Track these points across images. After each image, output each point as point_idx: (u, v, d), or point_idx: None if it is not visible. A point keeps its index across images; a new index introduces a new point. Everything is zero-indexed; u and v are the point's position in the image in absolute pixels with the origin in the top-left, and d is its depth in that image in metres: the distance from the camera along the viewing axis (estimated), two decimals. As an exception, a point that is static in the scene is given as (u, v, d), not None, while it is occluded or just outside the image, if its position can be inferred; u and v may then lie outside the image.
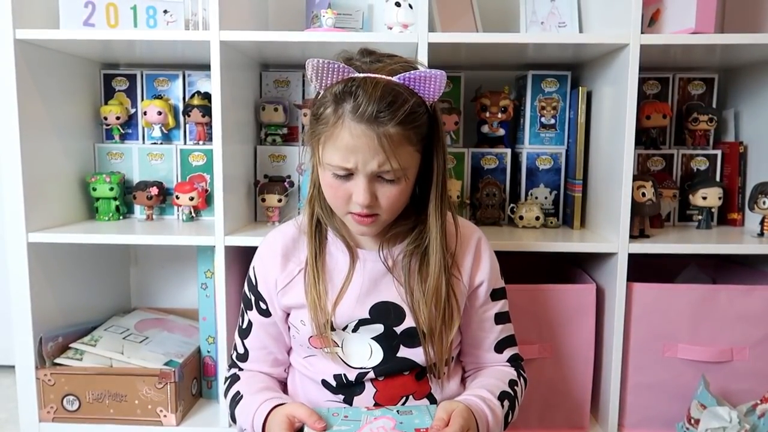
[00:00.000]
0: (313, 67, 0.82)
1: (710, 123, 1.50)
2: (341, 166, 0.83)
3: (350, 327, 0.91)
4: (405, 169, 0.84)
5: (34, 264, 1.30)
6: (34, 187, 1.30)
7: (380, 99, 0.80)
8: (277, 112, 1.48)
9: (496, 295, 0.99)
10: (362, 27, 1.54)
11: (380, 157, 0.81)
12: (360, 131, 0.80)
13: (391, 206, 0.86)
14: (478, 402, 0.89)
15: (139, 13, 1.31)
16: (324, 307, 0.89)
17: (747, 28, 1.41)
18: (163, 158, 1.54)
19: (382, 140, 0.80)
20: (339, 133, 0.81)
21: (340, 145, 0.82)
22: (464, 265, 0.95)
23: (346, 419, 0.85)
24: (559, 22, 1.43)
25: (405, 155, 0.83)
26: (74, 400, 1.32)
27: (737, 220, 1.50)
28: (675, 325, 1.26)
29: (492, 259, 0.99)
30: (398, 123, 0.81)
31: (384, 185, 0.85)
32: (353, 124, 0.80)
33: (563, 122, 1.49)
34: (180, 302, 1.70)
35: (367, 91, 0.80)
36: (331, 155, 0.83)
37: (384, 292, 0.92)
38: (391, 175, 0.83)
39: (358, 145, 0.81)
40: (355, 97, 0.80)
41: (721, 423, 1.13)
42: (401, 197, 0.87)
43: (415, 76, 0.82)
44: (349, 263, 0.92)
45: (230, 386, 0.97)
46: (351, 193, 0.84)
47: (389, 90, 0.80)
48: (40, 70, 1.31)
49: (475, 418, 0.85)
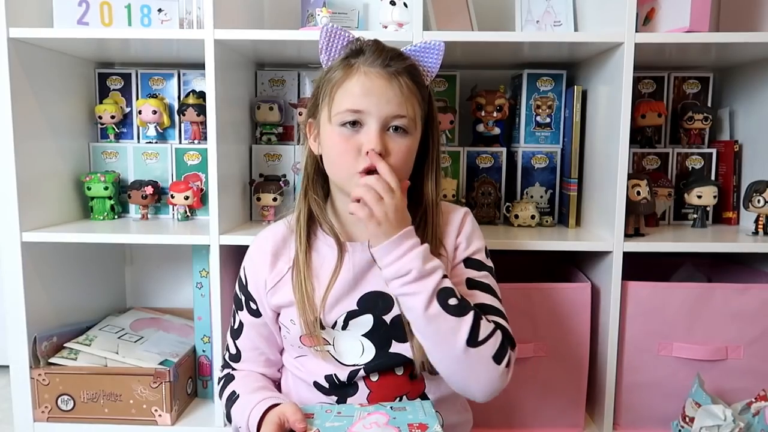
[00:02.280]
0: (327, 32, 0.88)
1: (705, 122, 1.50)
2: (354, 108, 0.84)
3: (339, 324, 0.90)
4: (414, 122, 0.87)
5: (28, 263, 1.29)
6: (29, 186, 1.30)
7: (392, 51, 0.87)
8: (272, 111, 1.48)
9: (472, 264, 0.94)
10: (357, 26, 1.54)
11: (396, 100, 0.84)
12: (375, 73, 0.85)
13: (399, 163, 0.86)
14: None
15: (134, 11, 1.31)
16: (312, 304, 0.89)
17: (742, 27, 1.41)
18: (158, 157, 1.54)
19: (399, 82, 0.84)
20: (353, 77, 0.85)
21: (354, 89, 0.85)
22: (448, 241, 0.94)
23: (339, 415, 0.85)
24: (554, 21, 1.43)
25: (415, 107, 0.87)
26: (69, 399, 1.32)
27: (732, 218, 1.50)
28: (670, 323, 1.26)
29: (473, 230, 0.96)
30: (409, 75, 0.86)
31: (395, 139, 0.86)
32: (368, 68, 0.85)
33: (559, 121, 1.49)
34: (175, 302, 1.70)
35: (379, 46, 0.87)
36: (342, 101, 0.85)
37: (371, 282, 0.91)
38: (404, 122, 0.85)
39: (374, 87, 0.84)
40: (368, 50, 0.86)
41: (716, 421, 1.13)
42: (409, 156, 0.88)
43: (417, 48, 0.90)
44: (336, 258, 0.91)
45: (225, 386, 0.97)
46: (360, 145, 0.85)
47: (398, 51, 0.89)
48: (34, 69, 1.31)
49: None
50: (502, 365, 0.83)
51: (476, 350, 0.81)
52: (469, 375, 0.83)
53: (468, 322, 0.81)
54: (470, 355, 0.81)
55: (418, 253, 0.82)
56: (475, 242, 0.95)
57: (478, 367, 0.82)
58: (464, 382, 0.85)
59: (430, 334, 0.83)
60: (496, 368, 0.82)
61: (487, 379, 0.83)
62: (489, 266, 0.96)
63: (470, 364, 0.82)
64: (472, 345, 0.81)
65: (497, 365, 0.82)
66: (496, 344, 0.83)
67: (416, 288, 0.81)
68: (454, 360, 0.82)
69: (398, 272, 0.81)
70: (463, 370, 0.83)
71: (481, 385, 0.84)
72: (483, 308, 0.87)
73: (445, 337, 0.81)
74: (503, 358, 0.83)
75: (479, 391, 0.84)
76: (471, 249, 0.94)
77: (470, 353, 0.81)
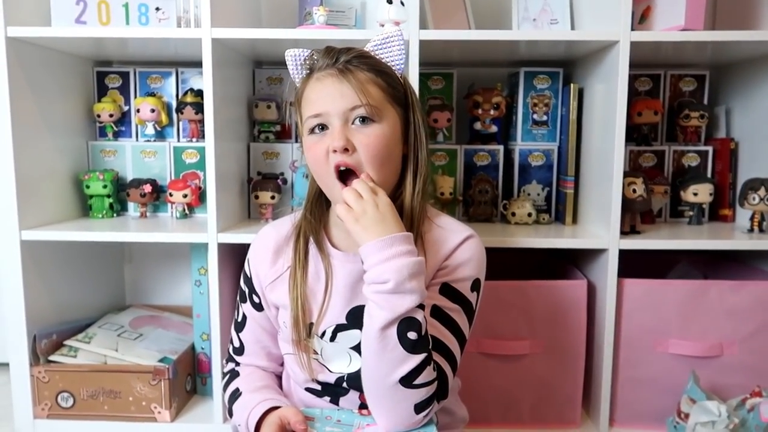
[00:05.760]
0: (290, 56, 0.91)
1: (701, 119, 1.50)
2: (315, 113, 0.85)
3: (328, 335, 0.90)
4: (377, 108, 0.85)
5: (27, 261, 1.30)
6: (27, 184, 1.30)
7: (341, 49, 0.87)
8: (270, 109, 1.49)
9: (447, 292, 0.87)
10: (355, 24, 1.54)
11: (350, 93, 0.84)
12: (326, 74, 0.86)
13: (370, 153, 0.84)
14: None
15: (131, 10, 1.31)
16: (306, 320, 0.89)
17: (738, 25, 1.41)
18: (157, 156, 1.54)
19: (350, 73, 0.84)
20: (310, 85, 0.87)
21: (311, 95, 0.86)
22: (433, 258, 0.87)
23: (339, 423, 0.86)
24: (551, 19, 1.44)
25: (376, 95, 0.86)
26: (69, 397, 1.33)
27: (728, 216, 1.51)
28: (666, 320, 1.27)
29: (469, 259, 0.89)
30: (362, 63, 0.86)
31: (361, 130, 0.84)
32: (320, 72, 0.86)
33: (555, 119, 1.50)
34: (174, 299, 1.70)
35: (328, 49, 0.87)
36: (306, 111, 0.87)
37: (360, 296, 0.85)
38: (365, 111, 0.84)
39: (326, 86, 0.85)
40: (320, 57, 0.87)
41: (711, 417, 1.14)
42: (381, 143, 0.85)
43: (377, 43, 0.90)
44: (326, 272, 0.90)
45: (229, 382, 0.97)
46: (328, 148, 0.84)
47: (348, 47, 0.88)
48: (33, 68, 1.31)
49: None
50: (420, 415, 0.79)
51: (405, 390, 0.78)
52: (384, 405, 0.81)
53: (413, 363, 0.77)
54: (397, 392, 0.78)
55: (404, 264, 0.76)
56: (463, 271, 0.88)
57: (397, 406, 0.79)
58: (376, 407, 0.82)
59: (373, 350, 0.78)
60: (412, 415, 0.79)
61: (399, 418, 0.80)
62: (467, 300, 0.88)
63: (392, 399, 0.79)
64: (404, 385, 0.77)
65: (415, 414, 0.79)
66: (426, 395, 0.79)
67: (384, 302, 0.77)
68: (380, 386, 0.80)
69: (376, 278, 0.77)
70: (382, 398, 0.80)
71: (389, 420, 0.81)
72: (434, 346, 0.82)
73: (383, 362, 0.78)
74: (425, 409, 0.80)
75: (385, 424, 0.82)
76: (454, 276, 0.87)
77: (398, 390, 0.78)
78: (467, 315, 0.88)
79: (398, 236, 0.79)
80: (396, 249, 0.77)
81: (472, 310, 0.89)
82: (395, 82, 0.90)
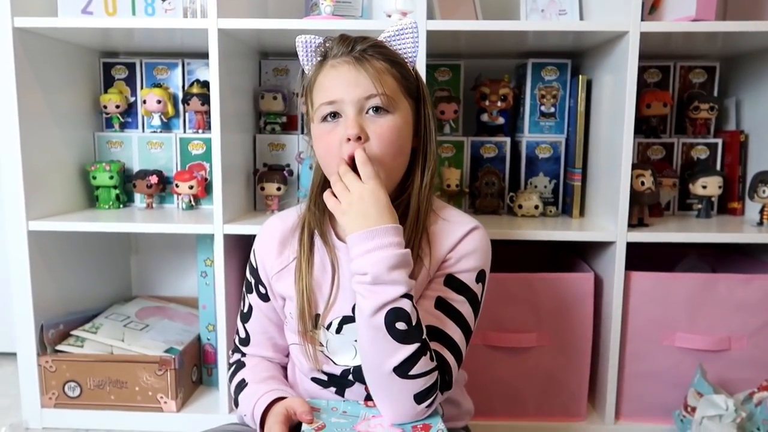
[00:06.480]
0: (301, 43, 0.90)
1: (711, 112, 1.49)
2: (328, 100, 0.84)
3: (334, 326, 0.90)
4: (392, 99, 0.84)
5: (34, 252, 1.31)
6: (34, 175, 1.31)
7: (357, 37, 0.86)
8: (276, 100, 1.48)
9: (452, 283, 0.86)
10: (361, 14, 1.53)
11: (365, 82, 0.83)
12: (342, 62, 0.85)
13: (383, 144, 0.83)
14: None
15: (137, 1, 1.31)
16: (312, 311, 0.89)
17: (749, 16, 1.40)
18: (163, 147, 1.54)
19: (367, 62, 0.84)
20: (324, 73, 0.86)
21: (325, 83, 0.85)
22: (438, 250, 0.87)
23: (344, 414, 0.86)
24: (559, 10, 1.42)
25: (391, 86, 0.85)
26: (75, 386, 1.34)
27: (737, 209, 1.50)
28: (673, 313, 1.26)
29: (474, 250, 0.88)
30: (377, 53, 0.85)
31: (374, 120, 0.84)
32: (335, 60, 0.85)
33: (563, 111, 1.49)
34: (180, 290, 1.71)
35: (343, 38, 0.86)
36: (318, 98, 0.86)
37: None
38: (380, 101, 0.83)
39: (342, 74, 0.84)
40: (334, 44, 0.86)
41: (718, 411, 1.14)
42: (394, 134, 0.84)
43: (392, 33, 0.89)
44: (332, 264, 0.90)
45: (235, 372, 0.97)
46: (341, 135, 0.83)
47: (363, 36, 0.87)
48: (39, 59, 1.31)
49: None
50: (421, 405, 0.79)
51: (401, 381, 0.77)
52: (384, 396, 0.81)
53: (406, 353, 0.76)
54: (393, 382, 0.77)
55: (384, 257, 0.76)
56: (468, 261, 0.87)
57: (395, 396, 0.79)
58: (378, 398, 0.82)
59: (365, 340, 0.79)
60: (414, 406, 0.78)
61: (401, 408, 0.79)
62: (472, 291, 0.87)
63: (389, 389, 0.79)
64: (399, 375, 0.77)
65: (416, 404, 0.78)
66: (425, 385, 0.78)
67: (366, 293, 0.77)
68: (376, 376, 0.80)
69: (358, 269, 0.78)
70: (380, 389, 0.80)
71: (391, 410, 0.81)
72: (437, 336, 0.82)
73: (376, 352, 0.78)
74: (426, 399, 0.79)
75: (387, 414, 0.82)
76: (459, 267, 0.87)
77: (393, 380, 0.77)
78: (473, 306, 0.87)
79: (380, 229, 0.78)
80: (376, 242, 0.77)
81: (477, 302, 0.88)
82: (409, 74, 0.89)
